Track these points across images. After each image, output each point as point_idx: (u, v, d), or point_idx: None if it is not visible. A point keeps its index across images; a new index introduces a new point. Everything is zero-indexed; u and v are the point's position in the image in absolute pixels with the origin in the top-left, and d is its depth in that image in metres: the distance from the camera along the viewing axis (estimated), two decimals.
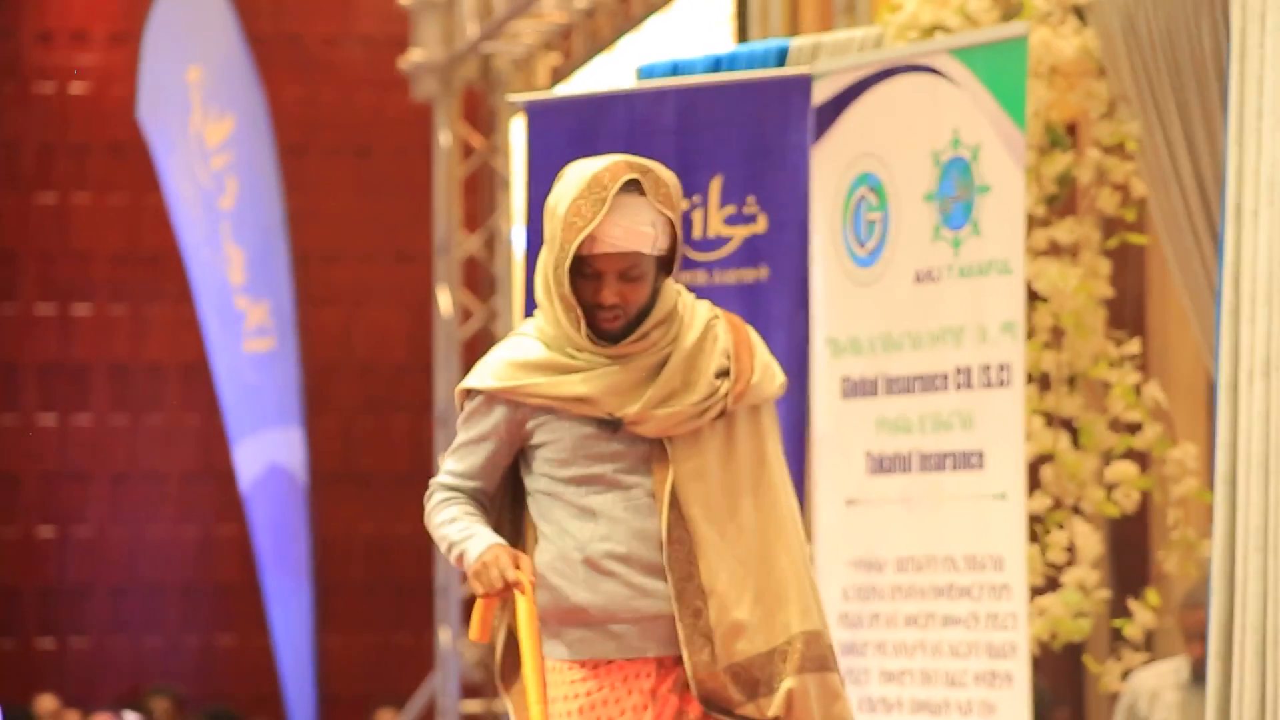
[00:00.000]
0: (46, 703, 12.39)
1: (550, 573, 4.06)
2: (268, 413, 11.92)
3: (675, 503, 4.01)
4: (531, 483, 4.11)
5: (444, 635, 11.31)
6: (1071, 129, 6.31)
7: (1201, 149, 5.76)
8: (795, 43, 6.34)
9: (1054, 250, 5.93)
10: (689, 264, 5.84)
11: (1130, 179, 5.92)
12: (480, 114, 11.96)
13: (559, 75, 11.07)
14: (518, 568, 4.01)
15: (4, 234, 14.17)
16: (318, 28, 14.38)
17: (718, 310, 4.15)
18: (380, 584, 14.18)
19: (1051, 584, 5.84)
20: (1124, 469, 5.90)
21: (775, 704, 4.00)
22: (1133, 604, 5.88)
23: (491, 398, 4.08)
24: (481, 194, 12.03)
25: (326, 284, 14.02)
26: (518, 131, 11.15)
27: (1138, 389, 5.91)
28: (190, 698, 13.12)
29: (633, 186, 3.99)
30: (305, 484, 11.70)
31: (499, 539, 4.07)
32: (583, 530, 4.04)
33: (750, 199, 5.80)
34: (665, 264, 4.06)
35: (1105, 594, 5.88)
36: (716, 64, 6.37)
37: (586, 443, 4.03)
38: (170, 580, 14.18)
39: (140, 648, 14.08)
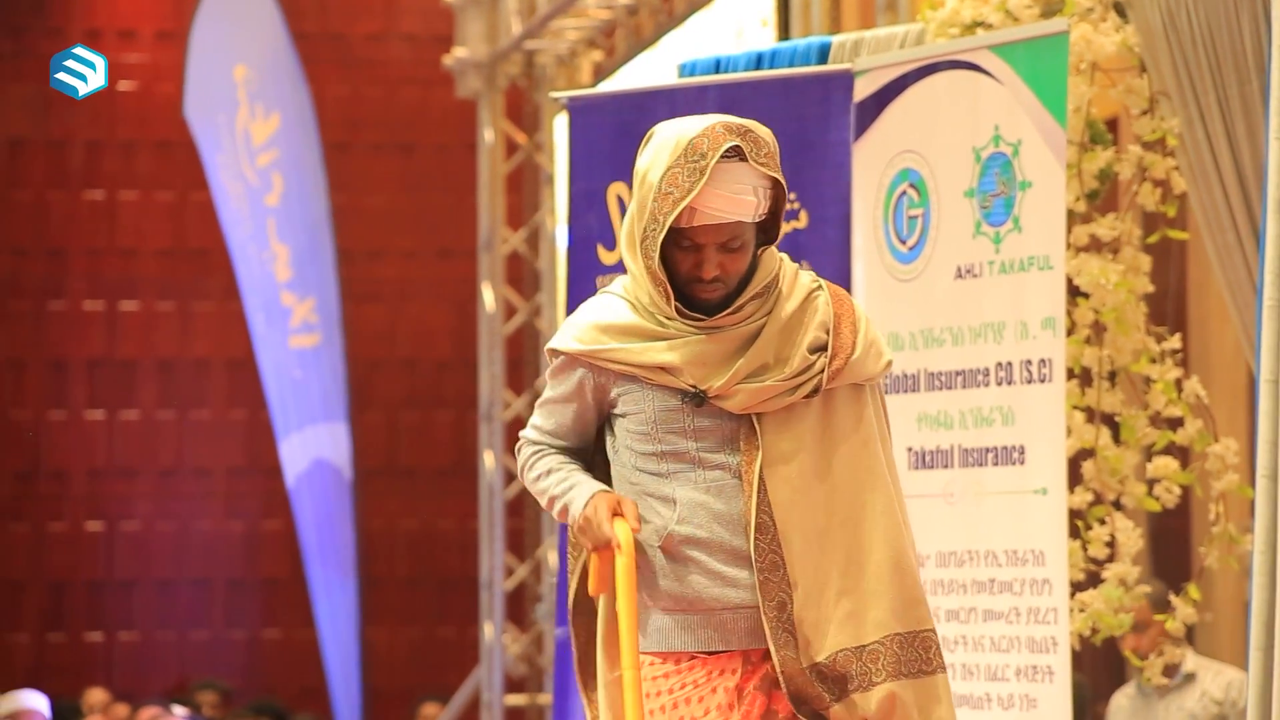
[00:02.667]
0: (95, 696, 12.47)
1: None
2: (313, 408, 11.97)
3: (762, 486, 3.73)
4: (615, 456, 3.86)
5: (488, 629, 11.35)
6: (1112, 125, 6.31)
7: (1242, 144, 5.76)
8: (837, 39, 6.35)
9: (1095, 246, 5.94)
10: None
11: (1171, 174, 5.93)
12: (524, 111, 11.99)
13: (602, 72, 11.10)
14: (620, 515, 3.73)
15: (52, 231, 14.26)
16: (362, 26, 14.43)
17: (821, 281, 3.87)
18: (424, 578, 14.23)
19: (1092, 579, 5.84)
20: (1165, 464, 5.90)
21: (868, 705, 3.73)
22: (1174, 599, 5.88)
23: (573, 360, 3.83)
24: (525, 190, 12.07)
25: (371, 280, 14.07)
26: (561, 128, 11.19)
27: (1178, 384, 5.91)
28: (237, 691, 13.20)
29: (733, 152, 3.70)
30: (350, 479, 11.75)
31: (601, 486, 3.80)
32: (660, 513, 3.78)
33: (791, 195, 5.83)
34: (764, 229, 3.79)
35: (1146, 589, 5.88)
36: (758, 61, 6.39)
37: (669, 416, 3.77)
38: (217, 574, 14.25)
39: (187, 641, 14.16)
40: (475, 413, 11.96)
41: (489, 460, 11.46)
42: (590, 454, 3.91)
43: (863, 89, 5.89)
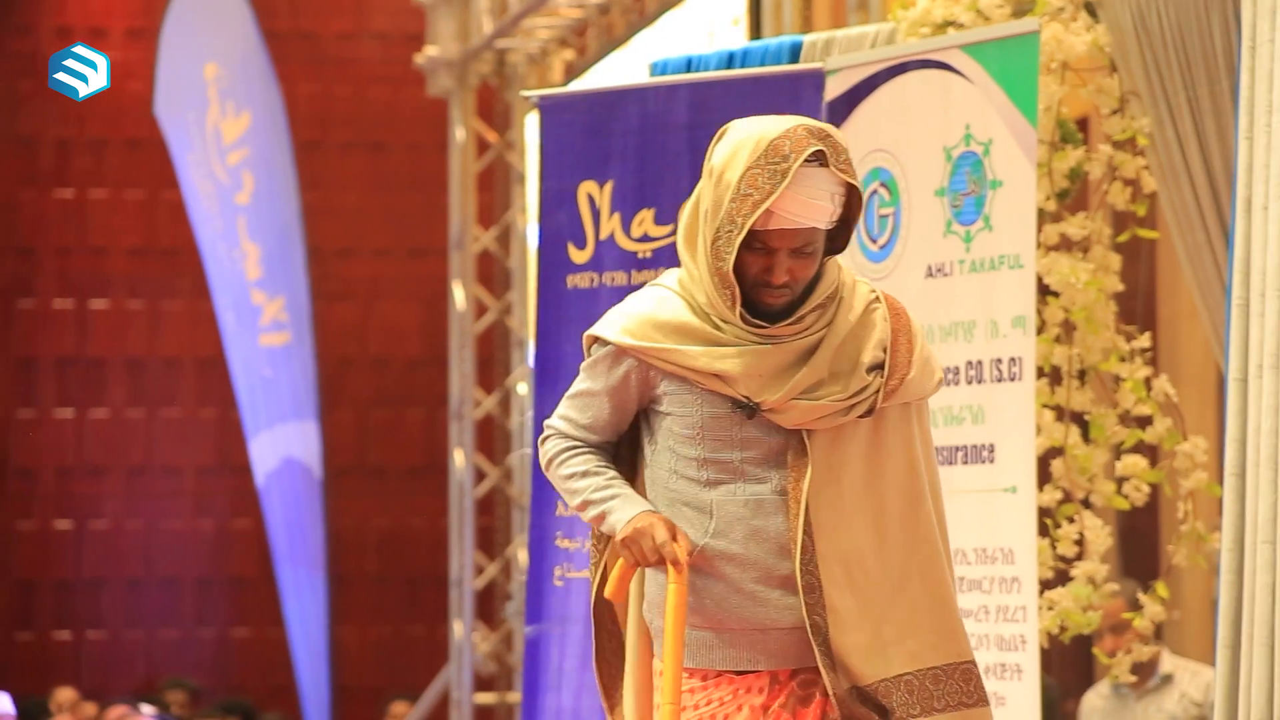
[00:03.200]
0: (64, 694, 12.44)
1: (659, 568, 3.65)
2: (283, 407, 11.96)
3: (808, 506, 3.59)
4: (652, 453, 3.70)
5: (457, 628, 11.34)
6: (1083, 124, 6.33)
7: (1212, 144, 5.78)
8: (808, 39, 6.36)
9: (1065, 245, 5.95)
10: None
11: (1141, 174, 5.94)
12: (495, 109, 11.99)
13: (573, 71, 11.10)
14: (674, 540, 3.59)
15: (22, 229, 14.22)
16: (333, 24, 14.42)
17: (878, 292, 3.74)
18: (394, 576, 14.21)
19: (1061, 577, 5.86)
20: (1134, 462, 5.91)
21: None
22: (1143, 597, 5.90)
23: (621, 352, 3.66)
24: (496, 189, 12.07)
25: (341, 279, 14.06)
26: (532, 127, 11.19)
27: (1148, 383, 5.93)
28: (206, 689, 13.17)
29: (815, 157, 3.57)
30: (320, 477, 11.74)
31: (648, 505, 3.65)
32: (695, 523, 3.64)
33: None
34: (830, 237, 3.64)
35: (1114, 587, 5.90)
36: (729, 60, 6.40)
37: (716, 423, 3.62)
38: (186, 573, 14.22)
39: (156, 640, 14.13)
40: (445, 411, 11.96)
41: (459, 459, 11.45)
42: (617, 446, 3.77)
43: (834, 88, 5.89)
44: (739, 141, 3.60)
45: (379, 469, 14.28)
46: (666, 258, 5.92)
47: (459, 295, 11.51)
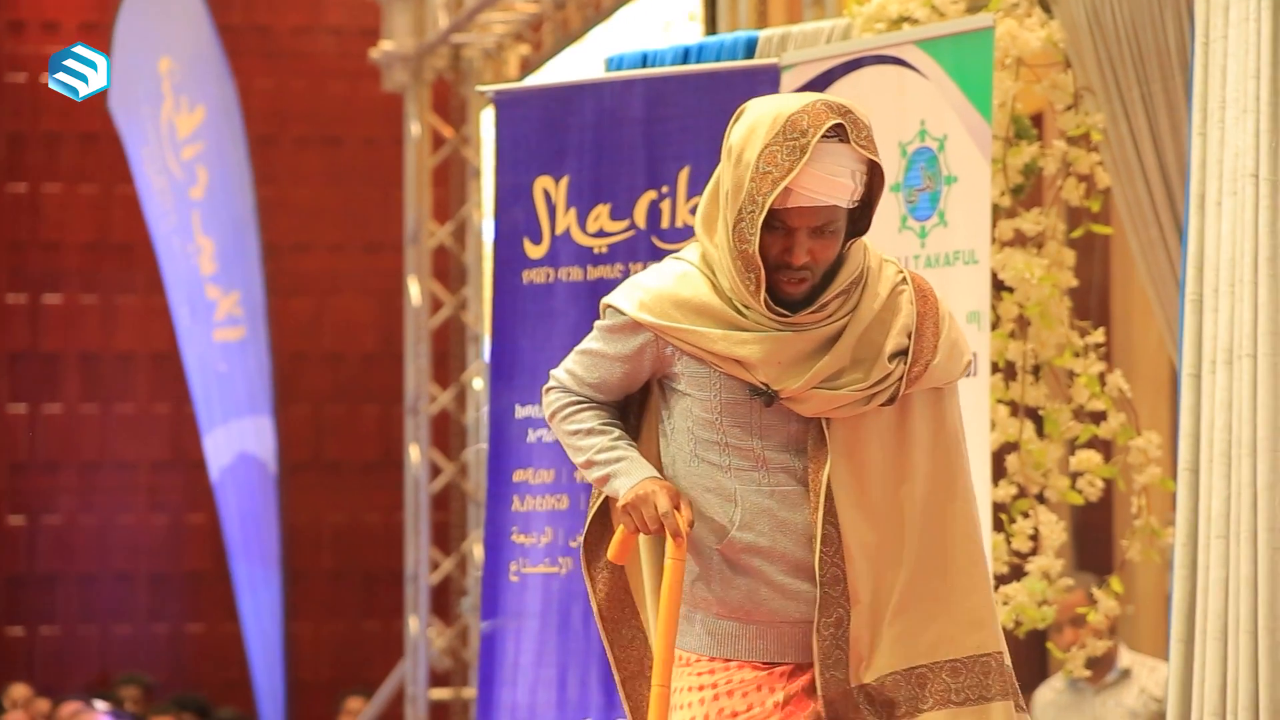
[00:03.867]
0: (17, 691, 12.38)
1: None
2: (238, 402, 11.92)
3: (829, 495, 3.49)
4: (670, 434, 3.60)
5: (413, 623, 11.32)
6: (1037, 120, 6.34)
7: (1166, 140, 5.80)
8: (763, 34, 6.36)
9: (1019, 240, 5.96)
10: (656, 253, 5.87)
11: (1095, 170, 5.96)
12: (450, 104, 11.96)
13: (529, 66, 11.09)
14: (677, 509, 3.50)
15: None
16: (288, 18, 14.37)
17: (906, 273, 3.60)
18: (349, 572, 14.18)
19: (1016, 572, 5.87)
20: (1088, 458, 5.93)
21: None
22: (1096, 592, 5.92)
23: (638, 326, 3.56)
24: (451, 184, 12.05)
25: (296, 274, 14.01)
26: (488, 122, 11.17)
27: (1102, 378, 5.95)
28: (160, 685, 13.12)
29: (834, 132, 3.46)
30: (275, 472, 11.70)
31: (654, 471, 3.55)
32: (721, 514, 3.54)
33: None
34: (854, 220, 3.53)
35: (1069, 582, 5.92)
36: (685, 55, 6.39)
37: (734, 409, 3.53)
38: (140, 569, 14.17)
39: (110, 636, 14.07)
40: (401, 406, 11.93)
41: (414, 454, 11.42)
42: (624, 411, 3.67)
43: (789, 83, 5.90)
44: (756, 119, 3.48)
45: (334, 464, 14.25)
46: (623, 253, 5.91)
47: (414, 290, 11.49)
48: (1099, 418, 5.96)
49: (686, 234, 5.90)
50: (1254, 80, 4.78)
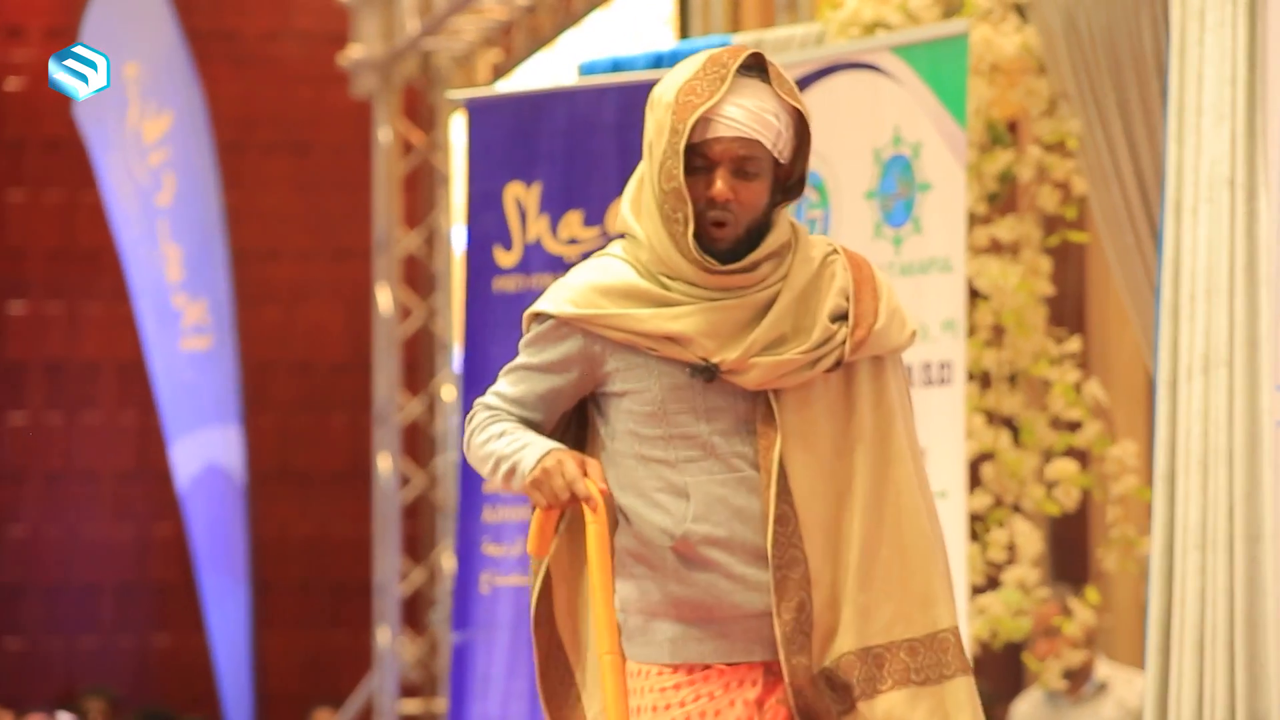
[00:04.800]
0: None
1: (632, 560, 3.43)
2: (205, 411, 11.84)
3: (782, 474, 3.36)
4: (611, 441, 3.45)
5: (382, 635, 11.25)
6: (1012, 126, 6.32)
7: (1142, 146, 5.78)
8: (737, 39, 6.32)
9: (995, 248, 5.94)
10: None
11: (1071, 177, 5.94)
12: (420, 110, 11.91)
13: (499, 72, 11.05)
14: (586, 475, 3.37)
15: None
16: (256, 23, 14.30)
17: (836, 245, 3.53)
18: (318, 583, 14.11)
19: (992, 582, 5.84)
20: (1064, 467, 5.90)
21: (873, 717, 3.37)
22: (1073, 602, 5.88)
23: (565, 324, 3.43)
24: (421, 191, 12.00)
25: (265, 281, 13.95)
26: (458, 128, 11.12)
27: (1078, 387, 5.92)
28: (125, 698, 13.04)
29: (756, 70, 3.41)
30: (243, 483, 11.63)
31: (559, 444, 3.39)
32: (672, 508, 3.40)
33: None
34: (783, 185, 3.46)
35: (1045, 592, 5.89)
36: (658, 61, 6.35)
37: (677, 395, 3.39)
38: (106, 580, 14.08)
39: (75, 648, 13.98)
40: (370, 416, 11.87)
41: (384, 463, 11.36)
42: (553, 435, 3.50)
43: None
44: (679, 68, 3.45)
45: (303, 474, 14.18)
46: None
47: (384, 298, 11.43)
48: (1075, 427, 5.94)
49: None
50: (1230, 86, 4.76)
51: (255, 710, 11.64)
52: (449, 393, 11.54)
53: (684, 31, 8.51)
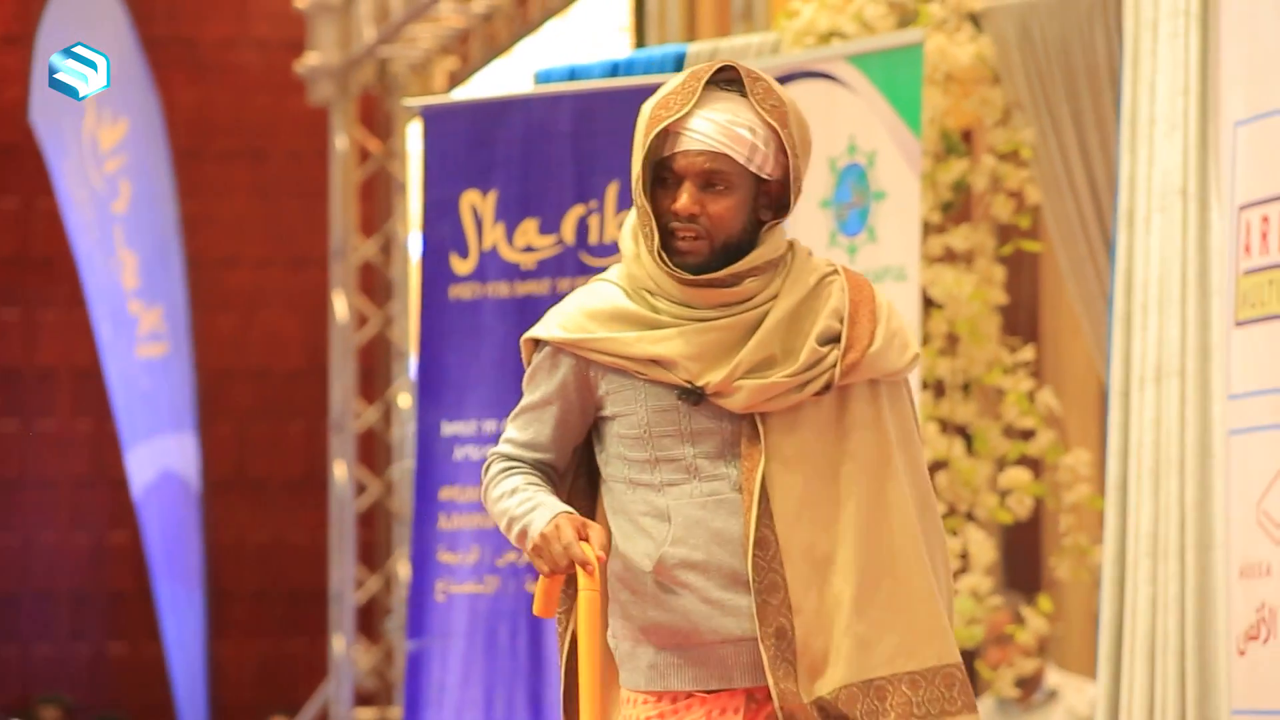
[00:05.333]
0: None
1: (619, 585, 3.39)
2: (161, 418, 11.81)
3: (764, 496, 3.30)
4: (605, 466, 3.42)
5: (337, 643, 11.23)
6: (967, 136, 6.34)
7: (1095, 156, 5.80)
8: (692, 48, 6.33)
9: (949, 257, 5.96)
10: (584, 269, 5.82)
11: (1025, 186, 5.96)
12: (377, 118, 11.90)
13: (456, 79, 11.04)
14: (585, 539, 3.30)
15: None
16: (212, 31, 14.26)
17: (838, 266, 3.44)
18: (273, 591, 14.07)
19: None
20: (1017, 475, 5.92)
21: None
22: (1025, 610, 5.90)
23: (557, 351, 3.40)
24: (378, 198, 11.98)
25: (221, 289, 13.91)
26: (414, 136, 11.11)
27: (1031, 396, 5.94)
28: (81, 706, 12.98)
29: (733, 85, 3.35)
30: (198, 490, 11.60)
31: (566, 508, 3.35)
32: (654, 532, 3.35)
33: None
34: (773, 201, 3.37)
35: (998, 600, 5.91)
36: (614, 69, 6.36)
37: (663, 418, 3.34)
38: (61, 587, 14.02)
39: (30, 655, 13.92)
40: (326, 423, 11.84)
41: (340, 471, 11.34)
42: (569, 474, 3.48)
43: None
44: (665, 84, 3.43)
45: (258, 482, 14.14)
46: (550, 268, 5.87)
47: (340, 306, 11.41)
48: (1028, 435, 5.96)
49: (615, 249, 5.86)
50: (1182, 97, 4.79)
51: (210, 718, 11.61)
52: (405, 400, 11.52)
53: (640, 40, 8.52)
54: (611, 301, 3.39)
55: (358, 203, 11.50)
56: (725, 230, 3.34)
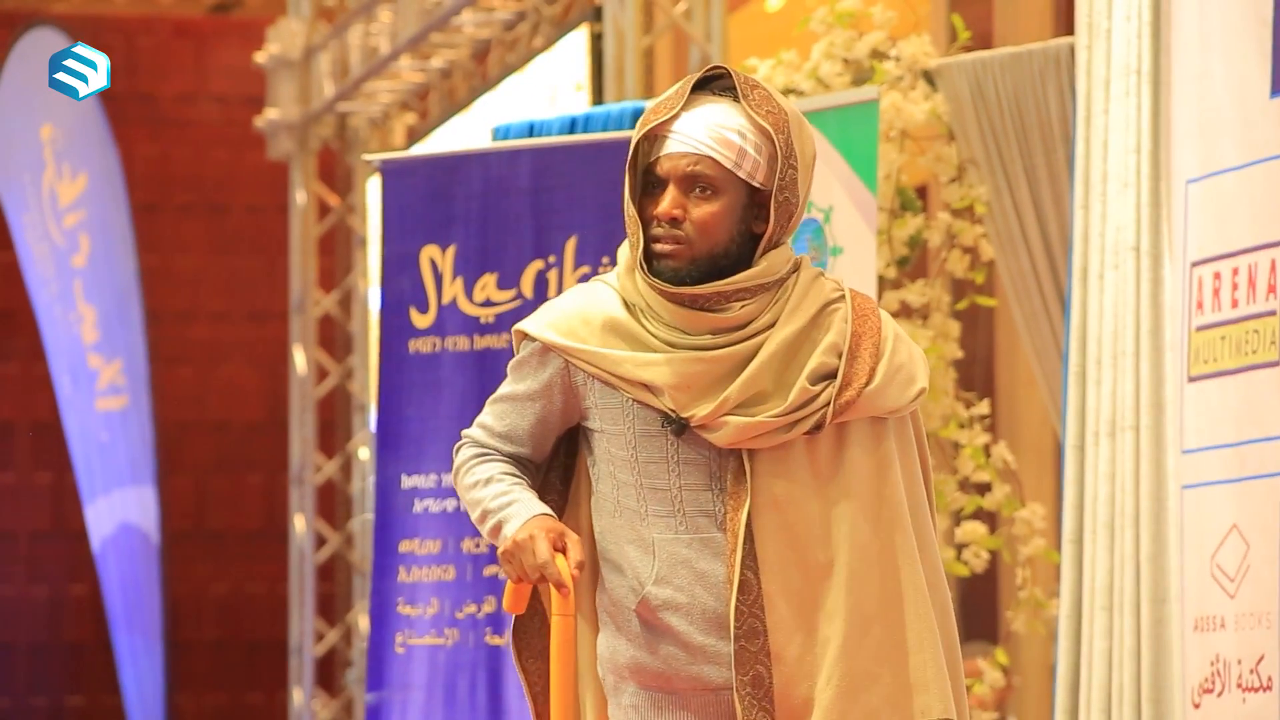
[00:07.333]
0: None
1: (605, 613, 3.25)
2: (120, 471, 11.79)
3: (749, 537, 3.13)
4: (596, 481, 3.26)
5: (297, 695, 11.20)
6: (922, 192, 6.39)
7: (1049, 212, 5.85)
8: (650, 104, 6.37)
9: (905, 312, 5.99)
10: None
11: (979, 242, 6.00)
12: (336, 173, 11.92)
13: (415, 135, 11.07)
14: (561, 550, 3.14)
15: None
16: (172, 86, 14.28)
17: (846, 291, 3.24)
18: (232, 643, 14.02)
19: None
20: (973, 529, 5.95)
21: None
22: (982, 663, 5.93)
23: (546, 350, 3.24)
24: (337, 253, 11.99)
25: (180, 342, 13.89)
26: (374, 191, 11.13)
27: (987, 450, 5.97)
28: None
29: (726, 90, 3.20)
30: (157, 543, 11.58)
31: (544, 509, 3.19)
32: (639, 564, 3.20)
33: (606, 259, 5.83)
34: (768, 214, 3.18)
35: None
36: (572, 125, 6.40)
37: (650, 443, 3.19)
38: (19, 640, 13.95)
39: None
40: (286, 476, 11.83)
41: (300, 524, 11.33)
42: (544, 468, 3.32)
43: None
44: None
45: (218, 534, 14.10)
46: (509, 322, 5.89)
47: (300, 359, 11.41)
48: (984, 489, 5.99)
49: None
50: (1135, 155, 4.84)
51: None
52: (365, 453, 11.52)
53: (598, 96, 8.56)
54: (606, 308, 3.23)
55: (317, 257, 11.51)
56: (709, 238, 3.18)
